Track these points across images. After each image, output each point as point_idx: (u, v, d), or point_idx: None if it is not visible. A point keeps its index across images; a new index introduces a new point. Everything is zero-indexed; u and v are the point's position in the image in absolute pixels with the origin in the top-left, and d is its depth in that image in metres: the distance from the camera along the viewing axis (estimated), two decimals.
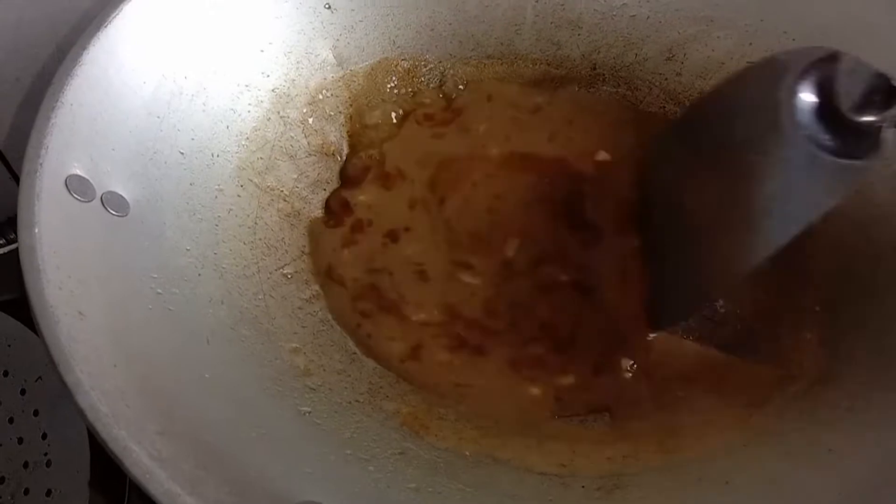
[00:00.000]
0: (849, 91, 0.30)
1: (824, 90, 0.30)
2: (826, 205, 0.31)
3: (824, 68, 0.30)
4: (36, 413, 0.45)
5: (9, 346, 0.46)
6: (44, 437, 0.45)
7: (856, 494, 0.30)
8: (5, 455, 0.44)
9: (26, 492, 0.43)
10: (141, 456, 0.26)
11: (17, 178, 0.44)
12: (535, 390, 0.38)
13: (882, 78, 0.30)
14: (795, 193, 0.31)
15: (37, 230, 0.30)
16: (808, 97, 0.30)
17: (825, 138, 0.30)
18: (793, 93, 0.30)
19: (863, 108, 0.29)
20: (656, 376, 0.38)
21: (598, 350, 0.39)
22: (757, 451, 0.34)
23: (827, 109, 0.30)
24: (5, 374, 0.45)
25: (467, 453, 0.35)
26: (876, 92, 0.30)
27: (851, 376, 0.35)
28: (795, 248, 0.39)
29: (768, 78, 0.31)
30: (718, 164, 0.35)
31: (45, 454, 0.45)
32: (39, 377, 0.46)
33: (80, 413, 0.27)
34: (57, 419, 0.46)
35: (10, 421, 0.45)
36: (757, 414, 0.35)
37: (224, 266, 0.38)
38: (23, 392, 0.45)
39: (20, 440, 0.45)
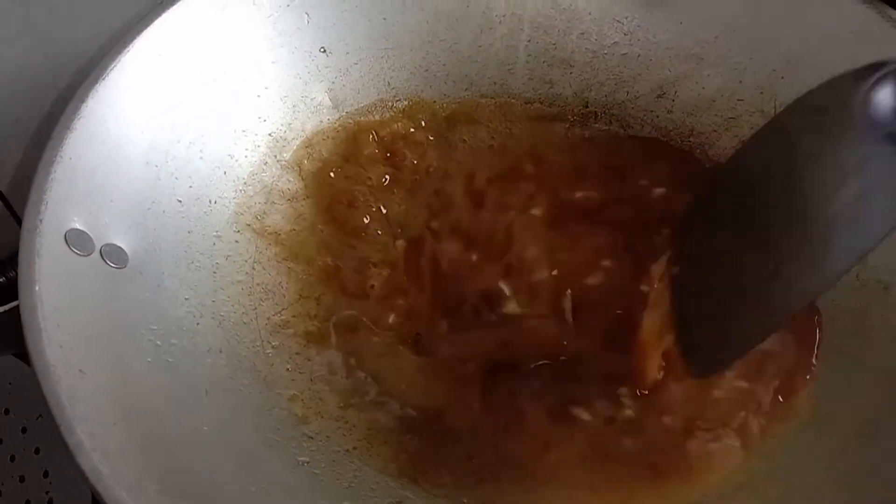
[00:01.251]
0: None
1: None
2: None
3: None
4: (37, 451, 0.46)
5: (9, 383, 0.46)
6: (45, 475, 0.45)
7: None
8: (7, 494, 0.44)
9: None
10: None
11: (15, 215, 0.45)
12: None
13: None
14: (876, 195, 0.29)
15: (37, 288, 0.30)
16: (886, 95, 0.29)
17: None
18: (871, 92, 0.29)
19: None
20: (653, 416, 0.38)
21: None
22: (749, 495, 0.34)
23: None
24: (6, 412, 0.46)
25: (465, 500, 0.35)
26: None
27: (845, 419, 0.36)
28: None
29: (840, 89, 0.30)
30: (786, 181, 0.33)
31: (47, 492, 0.45)
32: (40, 415, 0.46)
33: (82, 475, 0.27)
34: (58, 457, 0.46)
35: (12, 459, 0.45)
36: (750, 456, 0.36)
37: (222, 314, 0.38)
38: (24, 430, 0.46)
39: (21, 479, 0.45)
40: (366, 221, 0.44)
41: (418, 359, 0.41)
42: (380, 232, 0.44)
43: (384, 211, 0.45)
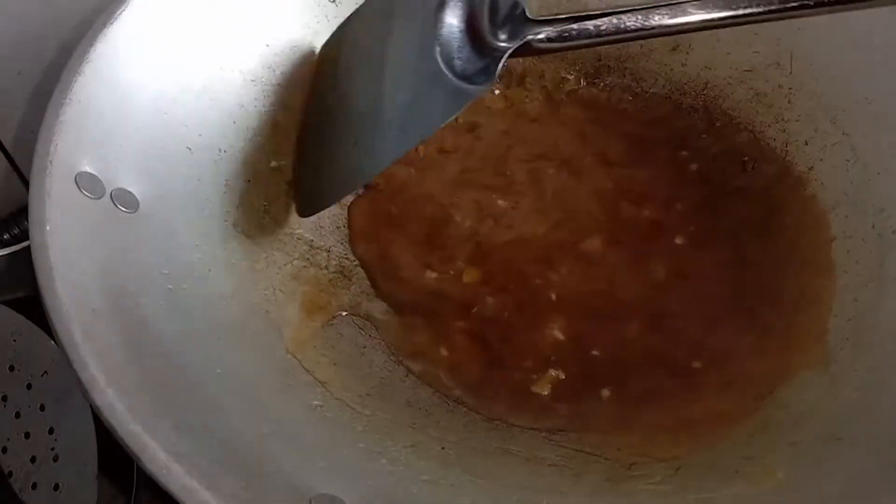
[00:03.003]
0: (491, 17, 0.33)
1: (469, 16, 0.33)
2: (440, 122, 0.34)
3: None
4: (42, 408, 0.45)
5: (14, 341, 0.46)
6: (50, 431, 0.45)
7: (862, 483, 0.31)
8: (13, 450, 0.44)
9: (34, 486, 0.43)
10: (158, 451, 0.26)
11: (19, 172, 0.44)
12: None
13: (519, 8, 0.34)
14: (420, 107, 0.34)
15: (48, 228, 0.30)
16: (453, 19, 0.34)
17: (458, 61, 0.33)
18: (442, 11, 0.33)
19: (500, 34, 0.33)
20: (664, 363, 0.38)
21: None
22: (763, 442, 0.34)
23: (468, 33, 0.33)
24: (11, 369, 0.45)
25: (478, 447, 0.35)
26: (512, 20, 0.33)
27: (859, 364, 0.36)
28: (805, 239, 0.41)
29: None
30: (371, 68, 0.38)
31: (52, 448, 0.45)
32: (45, 372, 0.46)
33: (97, 410, 0.27)
34: (63, 414, 0.46)
35: (17, 416, 0.45)
36: (763, 404, 0.36)
37: (233, 261, 0.38)
38: (28, 387, 0.45)
39: (27, 435, 0.45)
40: None
41: None
42: None
43: None
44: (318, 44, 0.45)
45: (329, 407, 0.35)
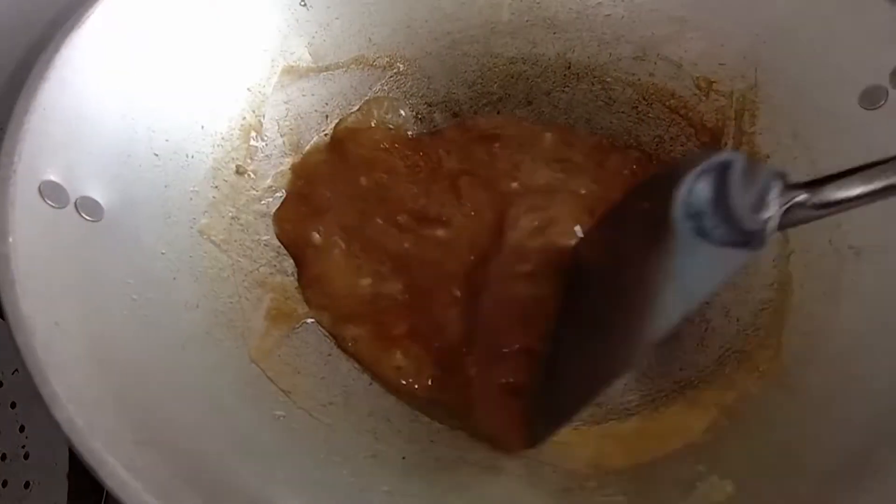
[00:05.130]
0: (743, 194, 0.29)
1: (718, 191, 0.30)
2: (713, 286, 0.31)
3: (720, 170, 0.30)
4: (13, 405, 0.45)
5: None
6: (21, 429, 0.45)
7: (815, 497, 0.31)
8: None
9: (4, 484, 0.43)
10: (116, 467, 0.26)
11: None
12: None
13: (778, 177, 0.30)
14: (685, 278, 0.30)
15: (11, 239, 0.30)
16: (700, 195, 0.30)
17: (717, 232, 0.30)
18: (685, 191, 0.30)
19: (758, 208, 0.29)
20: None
21: None
22: (716, 456, 0.35)
23: (721, 207, 0.30)
24: None
25: (438, 456, 0.36)
26: (768, 191, 0.29)
27: (813, 379, 0.36)
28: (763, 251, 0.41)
29: (666, 181, 0.31)
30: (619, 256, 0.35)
31: (23, 446, 0.45)
32: (16, 370, 0.46)
33: (57, 425, 0.27)
34: (34, 411, 0.46)
35: None
36: (719, 416, 0.36)
37: (199, 269, 0.38)
38: None
39: None
40: None
41: None
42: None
43: None
44: (288, 47, 0.44)
45: (292, 417, 0.35)
